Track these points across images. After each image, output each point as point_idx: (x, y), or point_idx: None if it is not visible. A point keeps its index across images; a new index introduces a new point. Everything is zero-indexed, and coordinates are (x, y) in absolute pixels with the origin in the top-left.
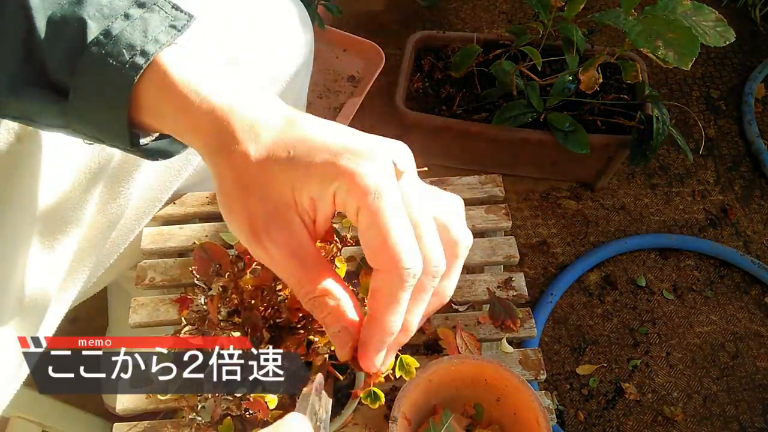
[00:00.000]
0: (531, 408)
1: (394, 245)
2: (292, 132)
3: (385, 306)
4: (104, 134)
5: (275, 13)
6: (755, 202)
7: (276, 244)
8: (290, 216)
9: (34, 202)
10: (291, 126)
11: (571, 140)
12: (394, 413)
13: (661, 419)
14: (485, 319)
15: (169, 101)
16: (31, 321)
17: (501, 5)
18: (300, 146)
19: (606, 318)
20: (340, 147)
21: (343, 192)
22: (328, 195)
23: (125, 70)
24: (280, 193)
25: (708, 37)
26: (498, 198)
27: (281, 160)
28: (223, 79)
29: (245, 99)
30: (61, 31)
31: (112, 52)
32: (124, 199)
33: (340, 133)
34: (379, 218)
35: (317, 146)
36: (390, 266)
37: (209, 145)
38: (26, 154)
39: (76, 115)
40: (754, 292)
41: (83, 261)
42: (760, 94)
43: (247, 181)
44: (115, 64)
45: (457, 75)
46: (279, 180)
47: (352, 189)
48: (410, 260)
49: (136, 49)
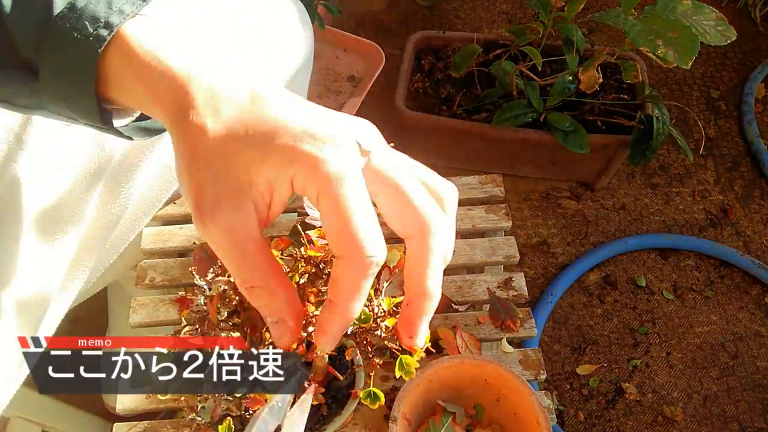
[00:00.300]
0: (531, 408)
1: (356, 232)
2: (256, 109)
3: (345, 293)
4: (76, 112)
5: (275, 13)
6: (755, 202)
7: (220, 228)
8: (242, 200)
9: (33, 202)
10: (255, 103)
11: (571, 140)
12: (394, 413)
13: (661, 419)
14: (485, 319)
15: (132, 71)
16: (31, 321)
17: (501, 5)
18: (261, 126)
19: (606, 318)
20: (302, 130)
21: (303, 177)
22: (286, 179)
23: (89, 43)
24: (235, 174)
25: (708, 36)
26: (498, 198)
27: (239, 138)
28: (188, 46)
29: (209, 68)
30: (26, 6)
31: (76, 26)
32: (124, 199)
33: (306, 114)
34: (340, 205)
35: (279, 127)
36: (352, 253)
37: (168, 113)
38: (26, 155)
39: (47, 93)
40: (754, 292)
41: (83, 261)
42: (760, 94)
43: (201, 155)
44: (80, 37)
45: (457, 75)
46: (235, 159)
47: (312, 175)
48: (372, 248)
49: (101, 21)
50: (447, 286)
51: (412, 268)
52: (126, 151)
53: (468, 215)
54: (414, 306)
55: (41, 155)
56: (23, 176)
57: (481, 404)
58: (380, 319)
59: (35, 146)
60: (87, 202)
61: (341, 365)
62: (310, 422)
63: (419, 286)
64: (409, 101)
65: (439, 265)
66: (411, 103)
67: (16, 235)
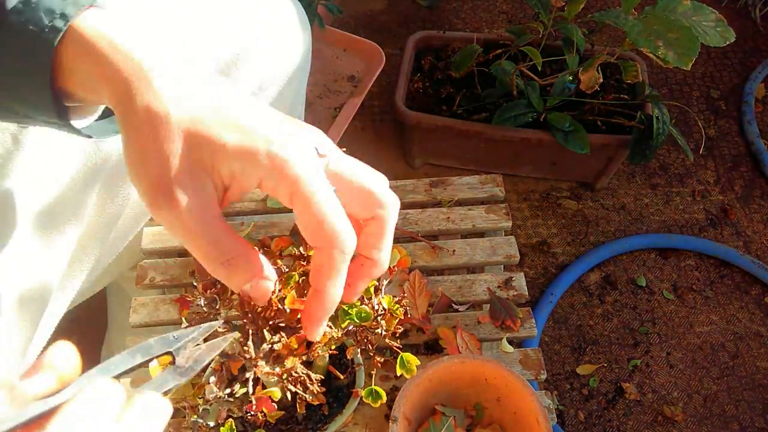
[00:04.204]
0: (531, 408)
1: (331, 226)
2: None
3: (328, 279)
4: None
5: (273, 14)
6: (755, 202)
7: (186, 208)
8: (204, 180)
9: (31, 202)
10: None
11: (571, 140)
12: (395, 413)
13: (661, 419)
14: (485, 319)
15: (88, 58)
16: (30, 320)
17: (501, 5)
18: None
19: (606, 318)
20: (272, 135)
21: (273, 179)
22: (253, 177)
23: (44, 34)
24: (199, 157)
25: (708, 37)
26: (498, 198)
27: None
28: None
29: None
30: None
31: (32, 18)
32: (122, 199)
33: (268, 118)
34: (312, 203)
35: (245, 129)
36: (329, 245)
37: (121, 95)
38: (23, 155)
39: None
40: (754, 292)
41: (82, 260)
42: (760, 94)
43: (162, 137)
44: (35, 30)
45: (457, 75)
46: (199, 146)
47: (283, 177)
48: (346, 237)
49: (56, 13)
50: (447, 285)
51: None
52: None
53: (468, 215)
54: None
55: (38, 155)
56: (20, 176)
57: (482, 404)
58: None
59: (32, 146)
60: (85, 202)
61: (342, 365)
62: (312, 422)
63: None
64: (409, 101)
65: (391, 238)
66: (411, 103)
67: (14, 235)
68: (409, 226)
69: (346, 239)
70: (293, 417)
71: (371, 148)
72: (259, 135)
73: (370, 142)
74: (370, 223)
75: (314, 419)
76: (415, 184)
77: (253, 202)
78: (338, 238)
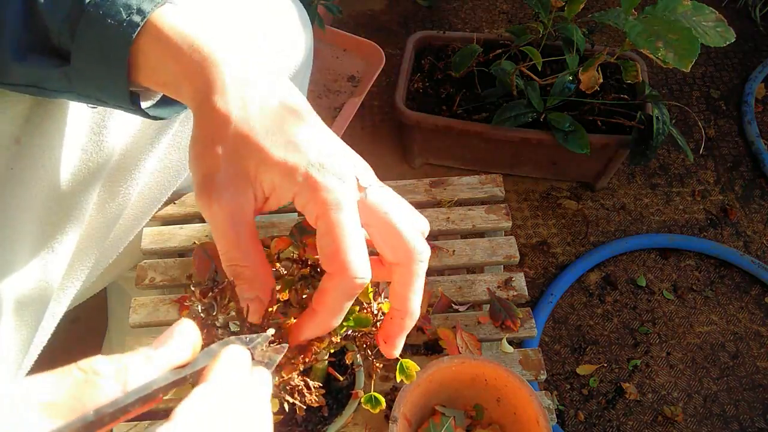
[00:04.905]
0: (531, 408)
1: (347, 255)
2: (279, 117)
3: (329, 306)
4: (106, 94)
5: (274, 14)
6: (755, 202)
7: (222, 208)
8: (246, 187)
9: (31, 201)
10: (280, 109)
11: (571, 140)
12: (395, 413)
13: (661, 419)
14: (485, 319)
15: (163, 53)
16: (29, 320)
17: (501, 5)
18: (280, 135)
19: (606, 318)
20: (315, 155)
21: (305, 198)
22: (288, 193)
23: (123, 29)
24: (246, 165)
25: (708, 38)
26: (498, 198)
27: (259, 138)
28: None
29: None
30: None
31: (109, 12)
32: (122, 199)
33: (320, 139)
34: (335, 229)
35: (295, 144)
36: (342, 272)
37: (197, 92)
38: (24, 155)
39: (79, 77)
40: (754, 292)
41: (82, 260)
42: (760, 94)
43: (221, 140)
44: (113, 23)
45: (457, 75)
46: (249, 153)
47: (314, 199)
48: (361, 270)
49: (133, 8)
50: (447, 286)
51: (397, 290)
52: (125, 151)
53: (468, 215)
54: (396, 321)
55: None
56: (21, 176)
57: (481, 404)
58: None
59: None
60: (85, 202)
61: (341, 366)
62: (312, 423)
63: (404, 305)
64: (409, 101)
65: (421, 287)
66: (411, 103)
67: (13, 234)
68: None
69: (360, 271)
70: (293, 418)
71: (371, 148)
72: (302, 155)
73: (370, 142)
74: (396, 270)
75: (314, 421)
76: (415, 184)
77: None
78: (351, 268)
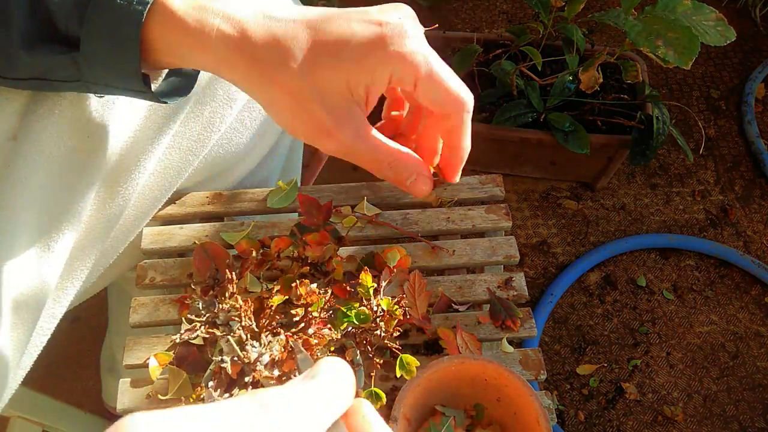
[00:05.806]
0: (531, 408)
1: (456, 92)
2: (322, 36)
3: (463, 135)
4: (117, 77)
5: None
6: (755, 202)
7: (347, 135)
8: (351, 107)
9: (29, 201)
10: (317, 31)
11: (571, 140)
12: (395, 413)
13: (661, 419)
14: (485, 319)
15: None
16: (28, 321)
17: (501, 5)
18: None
19: (606, 318)
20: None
21: (399, 72)
22: (384, 78)
23: (132, 8)
24: (336, 92)
25: (708, 37)
26: (498, 198)
27: (326, 65)
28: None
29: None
30: None
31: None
32: (122, 199)
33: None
34: (436, 79)
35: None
36: (458, 108)
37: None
38: (21, 153)
39: (89, 62)
40: (754, 292)
41: (81, 261)
42: (760, 94)
43: (302, 96)
44: (123, 4)
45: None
46: (332, 81)
47: (407, 67)
48: (469, 97)
49: None
50: (447, 286)
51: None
52: (124, 151)
53: (468, 215)
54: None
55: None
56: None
57: (482, 404)
58: (380, 319)
59: (31, 145)
60: (83, 201)
61: None
62: None
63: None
64: None
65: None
66: None
67: (11, 235)
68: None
69: (468, 98)
70: None
71: None
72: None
73: None
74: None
75: None
76: None
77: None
78: (463, 99)
